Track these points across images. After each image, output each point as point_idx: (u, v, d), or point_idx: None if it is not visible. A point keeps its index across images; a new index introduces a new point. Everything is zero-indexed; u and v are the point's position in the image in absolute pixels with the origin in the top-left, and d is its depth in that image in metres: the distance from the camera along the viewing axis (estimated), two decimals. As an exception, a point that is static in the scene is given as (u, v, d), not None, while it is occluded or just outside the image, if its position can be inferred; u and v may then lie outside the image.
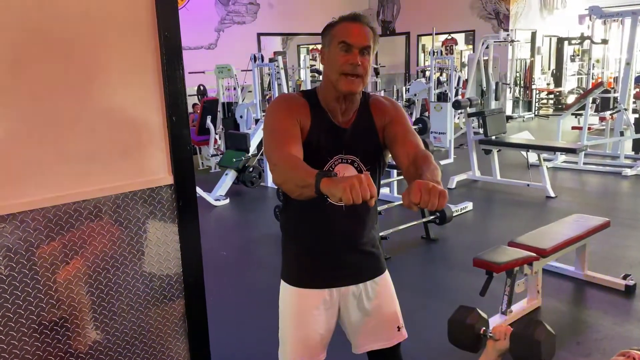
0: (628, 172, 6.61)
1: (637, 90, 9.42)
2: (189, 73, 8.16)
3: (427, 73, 10.11)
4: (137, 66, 1.63)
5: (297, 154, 1.43)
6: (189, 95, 10.06)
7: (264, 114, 8.80)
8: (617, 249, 4.10)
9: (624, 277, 3.44)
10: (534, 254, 3.01)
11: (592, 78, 11.75)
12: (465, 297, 3.39)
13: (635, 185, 6.30)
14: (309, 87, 8.10)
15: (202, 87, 9.26)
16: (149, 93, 1.67)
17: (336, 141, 1.55)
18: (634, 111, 8.74)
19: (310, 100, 1.55)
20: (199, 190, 5.73)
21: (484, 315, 1.72)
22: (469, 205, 5.34)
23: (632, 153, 7.56)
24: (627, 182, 6.41)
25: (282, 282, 1.67)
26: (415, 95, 9.45)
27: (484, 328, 1.68)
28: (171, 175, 1.73)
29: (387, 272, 1.73)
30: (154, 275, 1.77)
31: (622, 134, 7.45)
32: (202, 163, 8.09)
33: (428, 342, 2.90)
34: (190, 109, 9.55)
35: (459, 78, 10.38)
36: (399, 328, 1.72)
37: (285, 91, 8.87)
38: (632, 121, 7.57)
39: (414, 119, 5.42)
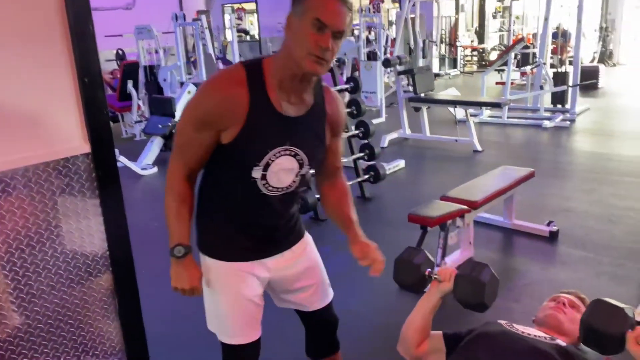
0: (547, 124, 6.94)
1: (554, 46, 9.85)
2: (106, 37, 7.64)
3: (356, 32, 10.05)
4: (40, 24, 1.44)
5: (196, 173, 1.48)
6: (107, 61, 9.47)
7: (189, 76, 8.45)
8: (541, 197, 4.30)
9: (548, 224, 3.63)
10: (466, 207, 3.08)
11: (513, 35, 12.15)
12: (399, 251, 3.45)
13: (555, 136, 6.63)
14: (235, 49, 7.82)
15: (120, 51, 8.73)
16: (55, 53, 1.49)
17: (280, 130, 1.40)
18: (551, 66, 9.14)
19: (253, 82, 1.35)
20: (124, 159, 5.44)
21: (430, 257, 1.73)
22: (401, 163, 5.41)
23: (551, 106, 7.93)
24: (547, 134, 6.74)
25: (209, 259, 1.56)
26: (345, 54, 9.39)
27: (430, 269, 1.68)
28: (87, 142, 1.58)
29: (307, 234, 1.71)
30: (76, 253, 1.63)
31: (541, 87, 7.79)
32: (126, 131, 7.70)
33: (367, 301, 2.94)
34: (109, 75, 9.01)
35: (387, 37, 10.39)
36: (328, 286, 1.74)
37: (211, 52, 8.55)
38: (551, 75, 7.92)
39: (344, 79, 5.35)
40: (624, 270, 3.10)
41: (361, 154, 4.56)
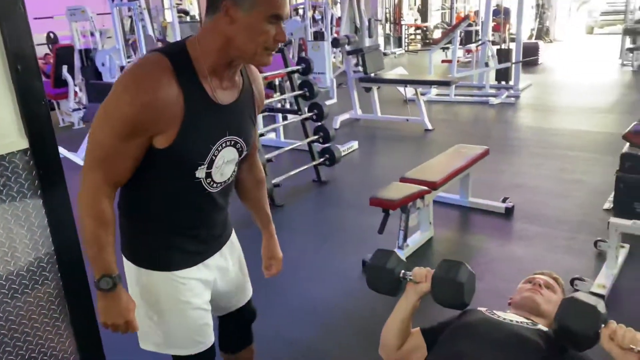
0: (494, 101, 7.07)
1: (495, 23, 10.03)
2: (35, 19, 7.13)
3: (301, 11, 9.86)
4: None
5: (119, 187, 1.29)
6: (37, 45, 8.87)
7: (129, 60, 8.04)
8: (494, 174, 4.37)
9: (503, 200, 3.68)
10: (426, 188, 3.06)
11: (455, 12, 12.30)
12: (361, 236, 3.42)
13: (501, 112, 6.77)
14: (177, 30, 7.50)
15: (52, 35, 8.19)
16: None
17: (219, 122, 1.28)
18: (493, 43, 9.31)
19: (182, 73, 1.19)
20: (63, 150, 5.10)
21: (402, 258, 1.66)
22: (355, 145, 5.37)
23: (496, 83, 8.08)
24: (494, 111, 6.87)
25: (148, 271, 1.40)
26: (292, 34, 9.20)
27: (404, 271, 1.62)
28: (25, 138, 1.41)
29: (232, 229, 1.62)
30: (18, 259, 1.47)
31: (486, 65, 7.92)
32: (63, 119, 7.26)
33: (330, 285, 2.88)
34: (41, 61, 8.45)
35: (332, 15, 10.27)
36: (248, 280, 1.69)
37: (151, 33, 8.15)
38: (494, 53, 8.06)
39: (295, 60, 5.21)
40: (578, 243, 3.18)
41: (316, 137, 4.47)
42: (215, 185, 1.35)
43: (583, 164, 4.58)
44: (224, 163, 1.33)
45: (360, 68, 6.35)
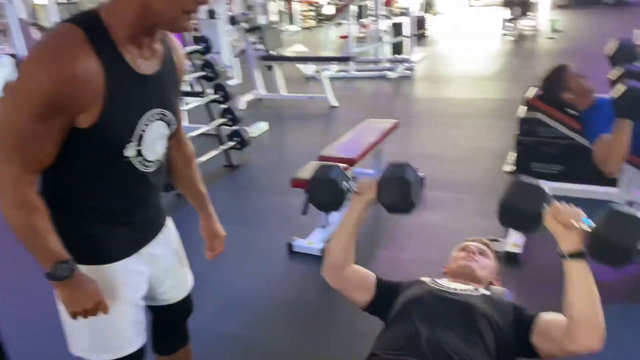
0: (391, 74, 7.27)
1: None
2: None
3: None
4: None
5: (40, 172, 1.14)
6: None
7: (0, 47, 7.22)
8: (402, 146, 4.49)
9: (415, 171, 3.79)
10: (346, 164, 3.06)
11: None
12: (283, 219, 3.37)
13: (400, 86, 6.98)
14: (54, 13, 6.83)
15: None
16: None
17: (144, 94, 1.19)
18: (386, 17, 9.54)
19: (99, 43, 1.07)
20: None
21: (345, 171, 1.60)
22: (264, 125, 5.27)
23: (391, 56, 8.31)
24: (392, 84, 7.07)
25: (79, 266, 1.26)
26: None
27: (346, 183, 1.54)
28: None
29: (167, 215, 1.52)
30: None
31: (380, 39, 8.09)
32: None
33: (256, 274, 2.81)
34: None
35: (224, -7, 9.92)
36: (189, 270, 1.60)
37: (23, 17, 7.36)
38: (387, 27, 8.26)
39: (192, 38, 4.95)
40: (487, 205, 3.32)
41: (223, 120, 4.31)
42: (148, 164, 1.25)
43: (481, 130, 4.86)
44: (155, 139, 1.24)
45: (259, 47, 6.20)
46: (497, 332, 1.38)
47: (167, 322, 1.52)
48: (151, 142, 1.22)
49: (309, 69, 6.86)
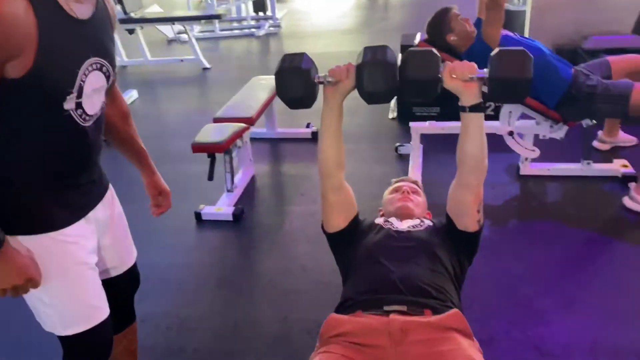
0: (258, 32, 7.12)
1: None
2: None
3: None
4: None
5: None
6: None
7: None
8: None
9: (307, 126, 3.81)
10: (245, 125, 2.97)
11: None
12: (183, 188, 3.18)
13: (268, 43, 6.89)
14: None
15: None
16: None
17: (81, 40, 1.10)
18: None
19: None
20: None
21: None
22: (134, 94, 4.89)
23: (254, 14, 8.12)
24: (261, 42, 6.94)
25: (25, 238, 1.15)
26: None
27: (317, 75, 1.44)
28: None
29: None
30: None
31: (241, -5, 7.85)
32: None
33: (167, 248, 2.67)
34: None
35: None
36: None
37: None
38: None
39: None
40: (381, 152, 3.51)
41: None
42: (88, 118, 1.15)
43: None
44: (94, 91, 1.14)
45: (117, 9, 5.66)
46: (449, 252, 1.49)
47: (114, 297, 1.39)
48: (90, 94, 1.13)
49: (169, 31, 6.46)
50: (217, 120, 3.04)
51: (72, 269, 1.20)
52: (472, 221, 1.49)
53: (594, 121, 2.77)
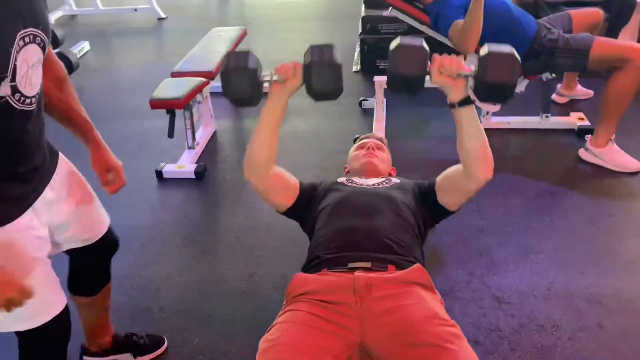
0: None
1: None
2: None
3: None
4: None
5: None
6: None
7: None
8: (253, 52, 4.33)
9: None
10: (205, 79, 2.88)
11: None
12: (143, 145, 3.12)
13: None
14: None
15: None
16: None
17: (8, 9, 0.97)
18: None
19: None
20: None
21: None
22: (86, 45, 4.65)
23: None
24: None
25: None
26: None
27: (263, 73, 1.41)
28: None
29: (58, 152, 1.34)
30: None
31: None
32: None
33: (130, 208, 2.61)
34: None
35: None
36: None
37: None
38: None
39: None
40: (345, 106, 3.46)
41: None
42: (27, 101, 1.04)
43: (321, 33, 4.89)
44: (31, 68, 1.03)
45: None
46: (415, 212, 1.50)
47: (91, 263, 1.37)
48: (26, 74, 1.01)
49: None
50: (175, 74, 2.93)
51: (16, 260, 1.11)
52: (455, 203, 1.52)
53: (554, 75, 2.80)
